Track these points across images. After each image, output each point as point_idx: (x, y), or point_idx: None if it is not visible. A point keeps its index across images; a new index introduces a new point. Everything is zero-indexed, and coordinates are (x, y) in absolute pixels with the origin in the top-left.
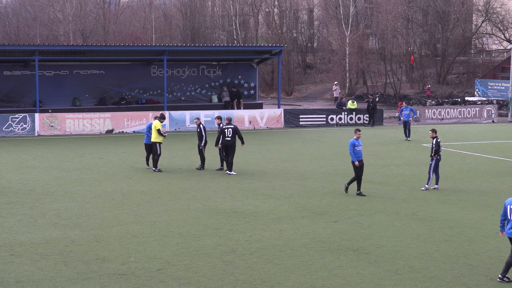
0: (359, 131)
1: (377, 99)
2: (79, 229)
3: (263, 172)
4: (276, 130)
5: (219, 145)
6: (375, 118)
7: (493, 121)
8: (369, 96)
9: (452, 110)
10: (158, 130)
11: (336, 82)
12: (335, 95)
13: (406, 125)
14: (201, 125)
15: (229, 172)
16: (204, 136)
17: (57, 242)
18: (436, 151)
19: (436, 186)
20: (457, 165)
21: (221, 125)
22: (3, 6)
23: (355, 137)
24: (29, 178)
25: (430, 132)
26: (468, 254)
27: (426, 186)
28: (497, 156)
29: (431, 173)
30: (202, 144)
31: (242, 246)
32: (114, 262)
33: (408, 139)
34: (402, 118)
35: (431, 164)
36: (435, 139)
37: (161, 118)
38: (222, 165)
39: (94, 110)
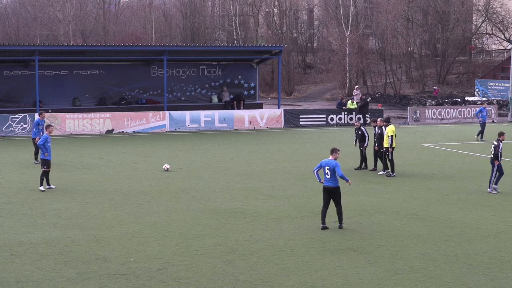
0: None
1: (368, 99)
2: (79, 229)
3: (263, 172)
4: (276, 130)
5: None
6: (366, 118)
7: (493, 121)
8: (362, 96)
9: (452, 110)
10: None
11: (357, 86)
12: (355, 100)
13: (484, 126)
14: (361, 127)
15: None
16: (366, 137)
17: (57, 242)
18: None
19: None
20: (457, 165)
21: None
22: (3, 6)
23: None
24: (29, 178)
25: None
26: (468, 254)
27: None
28: None
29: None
30: (365, 145)
31: (242, 246)
32: (114, 262)
33: (483, 139)
34: (481, 119)
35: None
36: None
37: (387, 121)
38: (375, 165)
39: (94, 110)
